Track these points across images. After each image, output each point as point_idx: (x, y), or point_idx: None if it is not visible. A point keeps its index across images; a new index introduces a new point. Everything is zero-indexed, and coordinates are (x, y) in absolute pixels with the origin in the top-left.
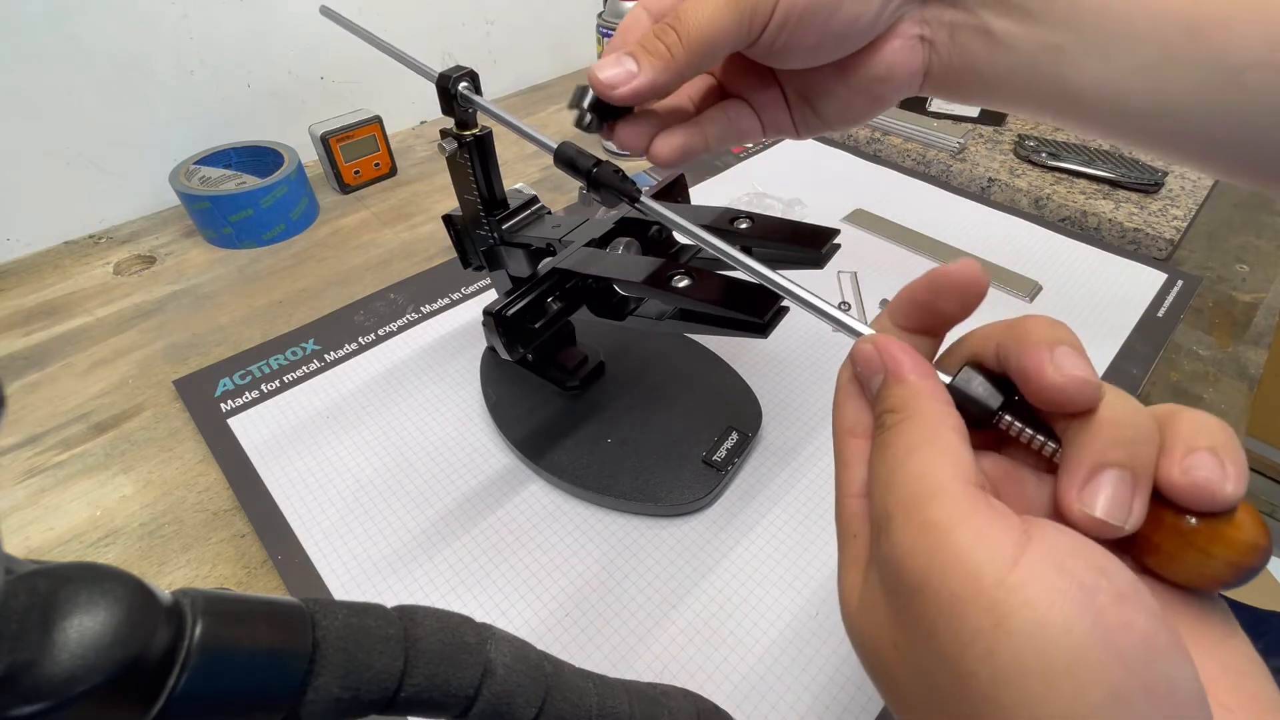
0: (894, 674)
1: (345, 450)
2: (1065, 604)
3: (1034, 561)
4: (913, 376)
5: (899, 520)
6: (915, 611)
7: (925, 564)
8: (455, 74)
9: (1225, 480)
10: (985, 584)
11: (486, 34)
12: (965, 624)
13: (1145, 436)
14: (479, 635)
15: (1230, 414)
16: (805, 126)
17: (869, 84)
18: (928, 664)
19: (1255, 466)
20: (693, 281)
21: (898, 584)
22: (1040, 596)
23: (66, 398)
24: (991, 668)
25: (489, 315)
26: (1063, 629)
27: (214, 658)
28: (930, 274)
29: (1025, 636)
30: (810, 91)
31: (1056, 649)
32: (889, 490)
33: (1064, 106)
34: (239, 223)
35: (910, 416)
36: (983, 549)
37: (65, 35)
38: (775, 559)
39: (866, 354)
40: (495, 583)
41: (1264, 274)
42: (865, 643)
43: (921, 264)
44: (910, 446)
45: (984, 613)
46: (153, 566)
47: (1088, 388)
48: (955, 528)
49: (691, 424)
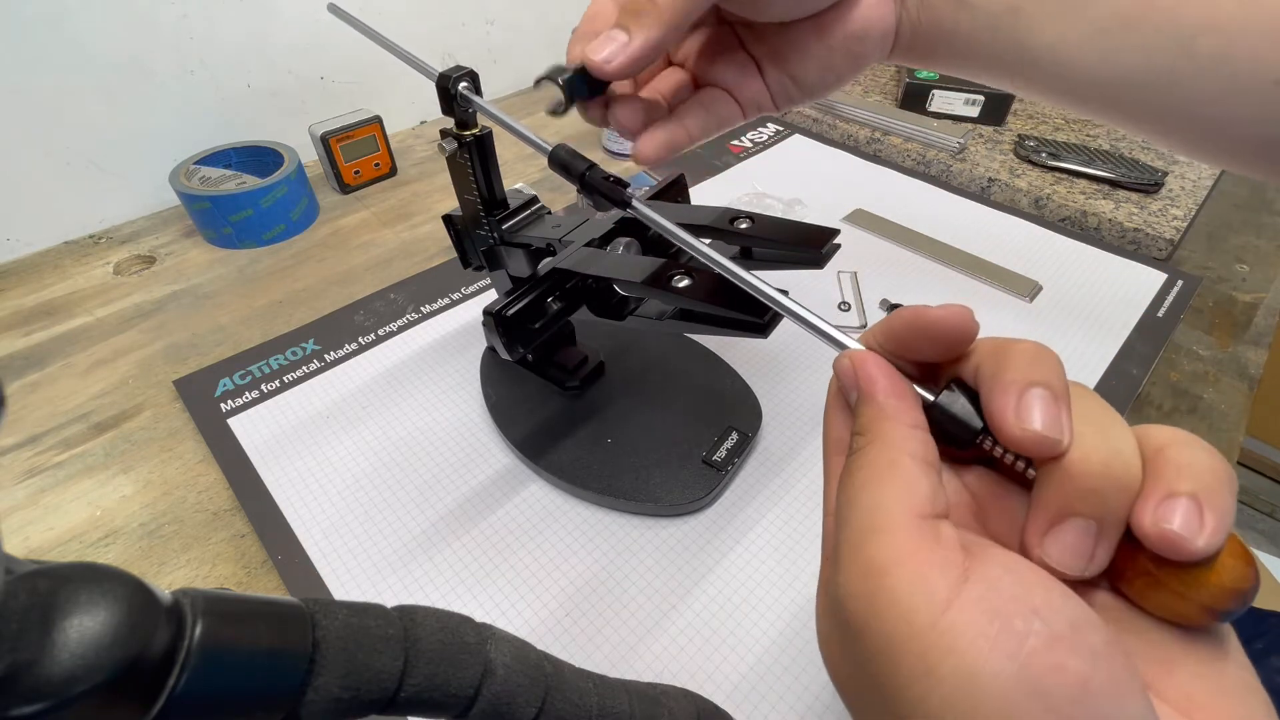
0: (850, 702)
1: (345, 450)
2: (992, 651)
3: (966, 605)
4: (882, 397)
5: (845, 558)
6: (859, 648)
7: (865, 607)
8: (455, 74)
9: (1198, 535)
10: (918, 628)
11: (486, 34)
12: (899, 669)
13: (1118, 486)
14: (479, 635)
15: (1230, 414)
16: (784, 98)
17: (845, 41)
18: (873, 701)
19: (1255, 466)
20: (693, 281)
21: (845, 623)
22: (969, 645)
23: (66, 398)
24: (924, 713)
25: (489, 315)
26: (990, 675)
27: (214, 658)
28: (912, 313)
29: (954, 683)
30: (787, 56)
31: (984, 695)
32: (843, 524)
33: (1023, 70)
34: (239, 223)
35: (873, 441)
36: (919, 592)
37: (65, 35)
38: (775, 559)
39: (844, 370)
40: (495, 583)
41: (1264, 274)
42: (830, 669)
43: (922, 264)
44: (865, 479)
45: (916, 658)
46: (153, 566)
47: (1045, 444)
48: (892, 570)
49: (691, 424)
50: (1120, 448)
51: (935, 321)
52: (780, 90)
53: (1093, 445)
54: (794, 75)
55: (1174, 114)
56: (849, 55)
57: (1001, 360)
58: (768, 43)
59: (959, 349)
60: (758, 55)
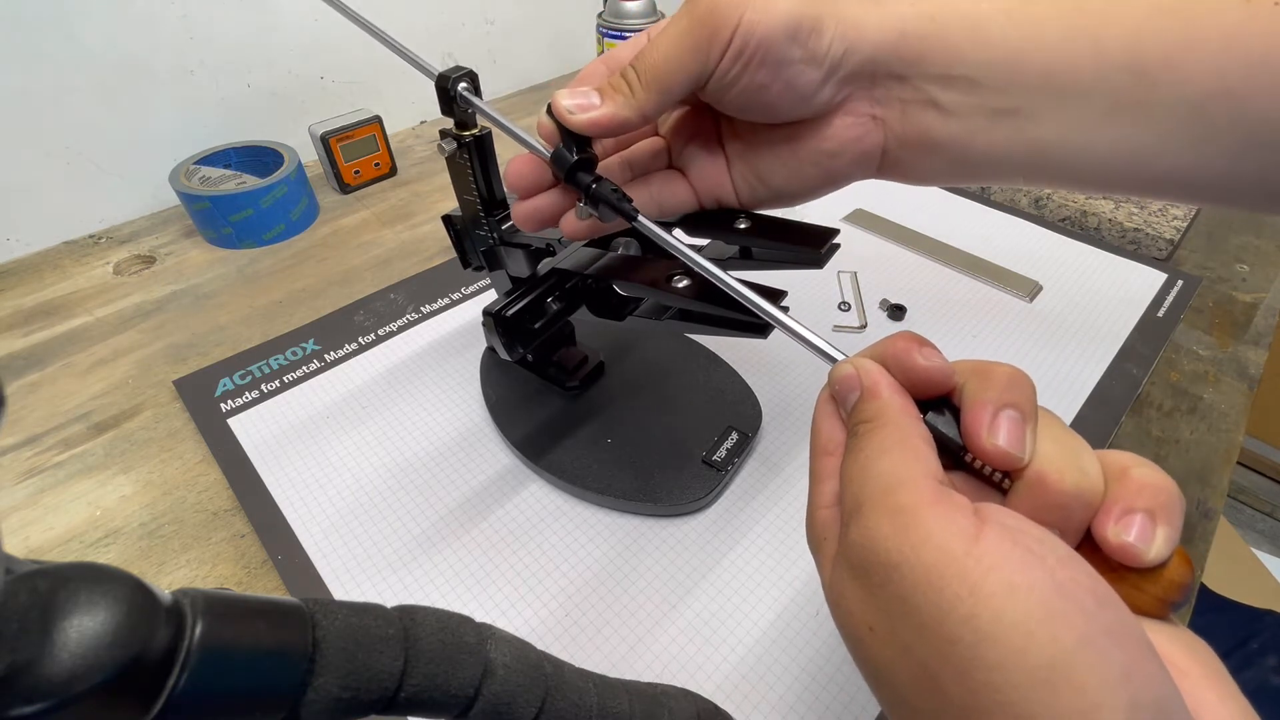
0: (876, 658)
1: (345, 450)
2: (1023, 567)
3: (991, 535)
4: (887, 393)
5: (870, 506)
6: (892, 590)
7: (898, 544)
8: (455, 74)
9: (1150, 546)
10: (954, 555)
11: (486, 34)
12: (943, 593)
13: (1083, 503)
14: (479, 635)
15: (1230, 414)
16: (750, 196)
17: (818, 157)
18: (908, 639)
19: (1255, 466)
20: (693, 282)
21: (871, 565)
22: (1004, 562)
23: (66, 398)
24: (974, 629)
25: (489, 315)
26: (1028, 586)
27: (214, 658)
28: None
29: (1001, 597)
30: (758, 155)
31: (1029, 604)
32: (862, 483)
33: (1032, 168)
34: (239, 223)
35: (884, 425)
36: (949, 528)
37: (65, 35)
38: (775, 558)
39: (846, 374)
40: (495, 583)
41: (1264, 274)
42: (848, 633)
43: (922, 264)
44: (881, 448)
45: (958, 581)
46: (153, 566)
47: (1009, 460)
48: (922, 510)
49: (691, 424)
50: (1087, 470)
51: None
52: (746, 187)
53: (1065, 466)
54: (762, 177)
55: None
56: (821, 170)
57: (981, 382)
58: (742, 138)
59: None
60: (728, 148)
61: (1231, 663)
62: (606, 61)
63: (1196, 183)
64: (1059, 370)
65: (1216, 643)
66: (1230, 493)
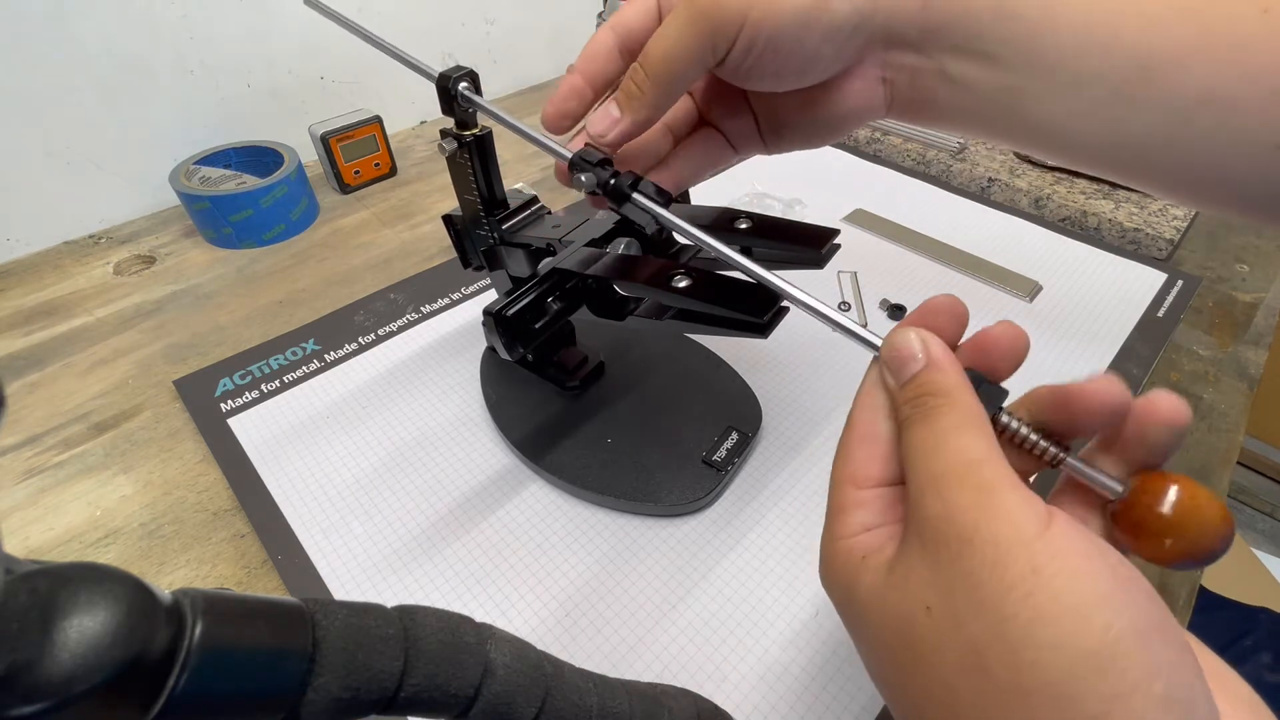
0: (923, 640)
1: (345, 450)
2: (1088, 556)
3: (1061, 523)
4: (955, 369)
5: (952, 479)
6: (962, 565)
7: (976, 517)
8: (455, 74)
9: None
10: (1026, 537)
11: (486, 34)
12: (1008, 570)
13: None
14: (479, 635)
15: (1230, 414)
16: (776, 146)
17: (830, 118)
18: (965, 614)
19: (1255, 466)
20: (693, 281)
21: (947, 538)
22: (1070, 550)
23: (66, 398)
24: (1032, 607)
25: (489, 315)
26: (1091, 575)
27: (214, 658)
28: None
29: (1063, 579)
30: (777, 117)
31: (1088, 590)
32: (936, 457)
33: (1023, 137)
34: (239, 223)
35: (955, 403)
36: (1027, 511)
37: (65, 35)
38: (775, 559)
39: (908, 341)
40: (495, 583)
41: (1264, 274)
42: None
43: (922, 264)
44: (957, 424)
45: (1024, 560)
46: (153, 566)
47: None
48: (1003, 488)
49: (691, 424)
50: None
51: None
52: (772, 139)
53: None
54: (783, 135)
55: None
56: (834, 126)
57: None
58: (764, 99)
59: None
60: (754, 105)
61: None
62: (614, 28)
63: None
64: (1059, 370)
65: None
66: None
